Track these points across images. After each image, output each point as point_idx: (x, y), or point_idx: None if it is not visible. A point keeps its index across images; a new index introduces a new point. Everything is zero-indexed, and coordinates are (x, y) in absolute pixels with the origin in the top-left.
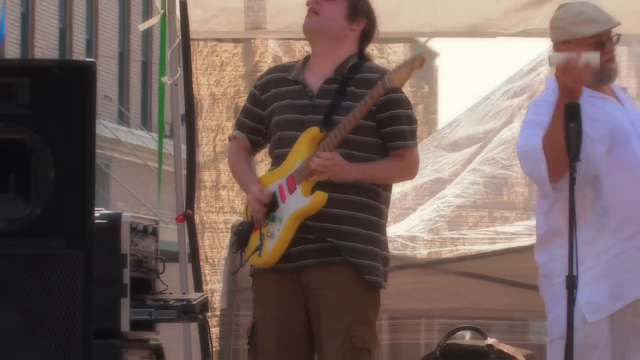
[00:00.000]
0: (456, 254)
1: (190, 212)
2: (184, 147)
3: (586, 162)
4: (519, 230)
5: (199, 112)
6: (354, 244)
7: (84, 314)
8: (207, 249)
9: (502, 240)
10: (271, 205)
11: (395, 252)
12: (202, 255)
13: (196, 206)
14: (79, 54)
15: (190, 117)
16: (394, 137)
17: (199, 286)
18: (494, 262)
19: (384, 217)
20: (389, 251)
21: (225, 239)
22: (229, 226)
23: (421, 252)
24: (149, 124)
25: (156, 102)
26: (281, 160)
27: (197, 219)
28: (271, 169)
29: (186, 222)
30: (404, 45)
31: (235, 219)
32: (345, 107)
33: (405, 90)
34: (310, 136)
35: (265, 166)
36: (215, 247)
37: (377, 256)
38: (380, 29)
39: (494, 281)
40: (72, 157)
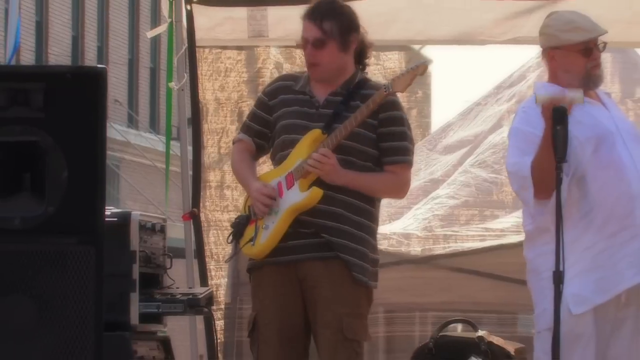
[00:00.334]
0: (449, 251)
1: (196, 210)
2: (190, 149)
3: (575, 163)
4: (508, 227)
5: (204, 115)
6: (345, 242)
7: (96, 308)
8: (212, 246)
9: (492, 237)
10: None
11: (390, 249)
12: (207, 251)
13: (202, 205)
14: (90, 60)
15: (196, 121)
16: (391, 152)
17: (204, 281)
18: (484, 258)
19: (376, 221)
20: (378, 254)
21: None
22: None
23: (415, 249)
24: (157, 127)
25: (164, 107)
26: (283, 161)
27: (202, 217)
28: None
29: (192, 220)
30: (398, 52)
31: None
32: (348, 117)
33: (399, 95)
34: (312, 137)
35: (266, 168)
36: (220, 243)
37: (367, 257)
38: (375, 38)
39: (484, 276)
40: (83, 158)
